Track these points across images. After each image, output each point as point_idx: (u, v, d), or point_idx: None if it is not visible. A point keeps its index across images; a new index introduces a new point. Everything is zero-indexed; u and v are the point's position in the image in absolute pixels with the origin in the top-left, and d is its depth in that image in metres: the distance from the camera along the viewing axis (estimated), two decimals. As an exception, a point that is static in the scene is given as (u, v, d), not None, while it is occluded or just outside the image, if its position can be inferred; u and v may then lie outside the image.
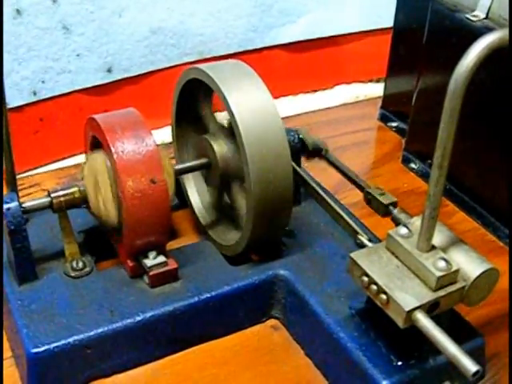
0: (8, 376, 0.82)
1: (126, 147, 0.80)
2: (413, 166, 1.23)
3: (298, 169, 0.94)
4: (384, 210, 0.92)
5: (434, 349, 0.70)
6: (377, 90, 1.46)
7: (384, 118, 1.37)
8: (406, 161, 1.24)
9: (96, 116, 0.83)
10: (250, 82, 0.85)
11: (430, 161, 1.18)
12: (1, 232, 0.85)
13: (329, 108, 1.42)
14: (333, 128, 1.33)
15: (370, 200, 0.94)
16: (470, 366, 0.65)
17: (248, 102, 0.82)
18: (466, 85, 0.62)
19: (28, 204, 0.82)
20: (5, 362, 0.84)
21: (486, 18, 1.05)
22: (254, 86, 0.84)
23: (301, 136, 0.97)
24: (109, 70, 1.22)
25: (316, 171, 1.07)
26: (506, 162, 1.01)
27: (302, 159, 1.01)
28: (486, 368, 0.83)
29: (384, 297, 0.71)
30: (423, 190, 1.17)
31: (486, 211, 1.10)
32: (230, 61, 0.91)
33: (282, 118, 0.84)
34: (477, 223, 1.11)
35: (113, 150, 0.79)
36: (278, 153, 0.82)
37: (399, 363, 0.76)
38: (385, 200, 0.92)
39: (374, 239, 0.90)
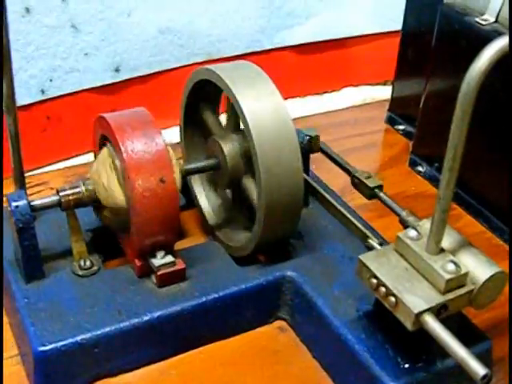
0: (14, 374, 0.82)
1: (136, 146, 0.80)
2: (420, 169, 1.23)
3: (306, 177, 0.94)
4: (370, 193, 0.92)
5: (441, 352, 0.70)
6: (384, 92, 1.46)
7: (391, 121, 1.37)
8: (413, 164, 1.24)
9: (105, 115, 0.83)
10: (260, 83, 0.85)
11: (437, 164, 1.19)
12: (0, 230, 0.85)
13: (336, 110, 1.42)
14: (340, 130, 1.33)
15: (356, 184, 0.94)
16: (479, 369, 0.65)
17: (259, 103, 0.82)
18: (478, 88, 0.62)
19: (36, 202, 0.82)
20: (11, 360, 0.84)
21: (496, 21, 1.04)
22: (264, 87, 0.84)
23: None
24: (117, 70, 1.22)
25: (323, 173, 1.07)
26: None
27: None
28: (492, 372, 0.82)
29: (393, 299, 0.71)
30: (430, 193, 1.17)
31: (493, 215, 1.10)
32: (240, 62, 0.91)
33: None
34: (484, 227, 1.11)
35: (122, 148, 0.79)
36: (289, 155, 0.82)
37: (406, 366, 0.76)
38: (371, 183, 0.92)
39: (382, 242, 0.89)
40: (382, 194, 0.91)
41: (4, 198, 0.82)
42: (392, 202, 0.89)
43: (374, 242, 0.86)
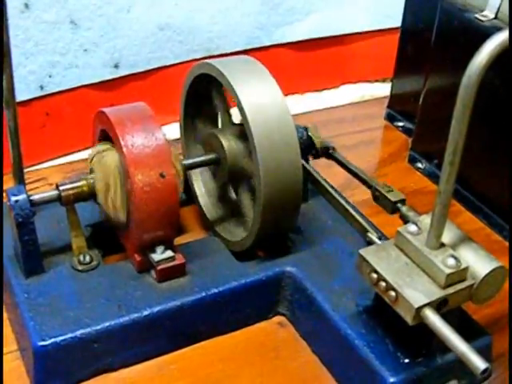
0: (13, 370, 0.82)
1: (136, 141, 0.80)
2: (419, 165, 1.23)
3: (307, 165, 0.94)
4: (392, 208, 0.91)
5: (441, 347, 0.70)
6: (383, 89, 1.47)
7: (390, 118, 1.37)
8: (412, 160, 1.24)
9: (105, 109, 0.83)
10: (260, 77, 0.85)
11: (436, 160, 1.19)
12: (0, 227, 0.85)
13: (335, 107, 1.42)
14: (339, 127, 1.33)
15: (377, 197, 0.93)
16: (480, 363, 0.65)
17: (258, 97, 0.82)
18: (479, 82, 0.62)
19: (36, 196, 0.82)
20: (10, 356, 0.84)
21: (495, 17, 1.04)
22: (264, 81, 0.84)
23: (310, 134, 0.97)
24: (116, 66, 1.22)
25: (322, 169, 1.07)
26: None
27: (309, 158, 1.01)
28: (492, 367, 0.82)
29: (393, 293, 0.71)
30: (430, 189, 1.17)
31: (493, 211, 1.10)
32: (240, 56, 0.91)
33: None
34: (483, 223, 1.12)
35: (122, 143, 0.79)
36: (288, 149, 0.82)
37: (406, 361, 0.76)
38: (393, 197, 0.91)
39: (382, 237, 0.89)
40: (404, 209, 0.89)
41: (4, 194, 0.82)
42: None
43: (372, 236, 0.86)
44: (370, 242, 0.86)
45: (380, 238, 0.86)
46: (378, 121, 1.38)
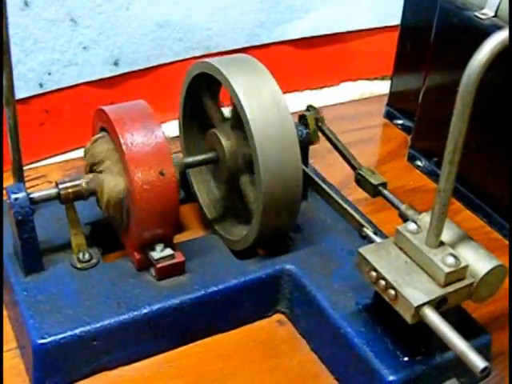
0: (13, 367, 0.82)
1: (136, 139, 0.80)
2: (419, 163, 1.23)
3: (305, 169, 0.94)
4: (373, 191, 0.92)
5: (440, 345, 0.70)
6: (382, 87, 1.46)
7: (390, 116, 1.37)
8: (411, 158, 1.24)
9: (105, 107, 0.83)
10: (260, 77, 0.85)
11: (436, 158, 1.19)
12: (0, 225, 0.85)
13: (335, 105, 1.42)
14: (338, 125, 1.31)
15: (359, 180, 0.94)
16: (479, 362, 0.65)
17: (258, 97, 0.82)
18: (479, 80, 0.62)
19: (36, 195, 0.82)
20: (9, 353, 0.84)
21: (495, 16, 1.04)
22: (264, 81, 0.84)
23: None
24: (115, 63, 1.22)
25: (322, 167, 1.07)
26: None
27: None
28: (491, 366, 0.82)
29: (392, 292, 0.71)
30: (429, 187, 1.17)
31: (492, 210, 1.10)
32: (239, 55, 0.91)
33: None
34: (482, 221, 1.12)
35: (122, 141, 0.79)
36: (288, 148, 0.82)
37: (406, 359, 0.76)
38: (374, 180, 0.92)
39: (376, 231, 0.89)
40: (385, 192, 0.90)
41: (3, 192, 0.82)
42: (392, 196, 0.90)
43: (368, 231, 0.86)
44: (365, 237, 0.86)
45: (375, 233, 0.86)
46: (378, 118, 1.38)
